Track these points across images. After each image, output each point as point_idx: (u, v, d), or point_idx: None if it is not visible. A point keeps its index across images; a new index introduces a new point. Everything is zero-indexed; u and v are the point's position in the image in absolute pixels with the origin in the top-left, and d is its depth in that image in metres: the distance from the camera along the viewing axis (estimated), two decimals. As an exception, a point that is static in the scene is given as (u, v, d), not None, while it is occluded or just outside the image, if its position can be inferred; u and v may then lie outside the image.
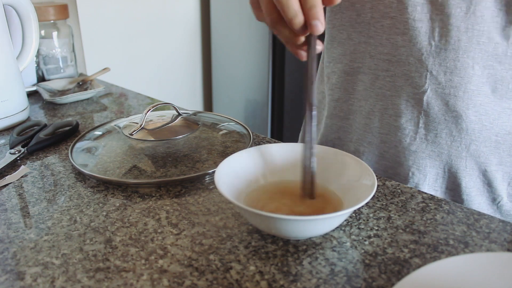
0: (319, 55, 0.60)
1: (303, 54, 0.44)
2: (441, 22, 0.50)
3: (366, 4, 0.56)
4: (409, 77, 0.54)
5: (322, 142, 0.68)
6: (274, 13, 0.42)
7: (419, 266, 0.39)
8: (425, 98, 0.53)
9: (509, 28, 0.50)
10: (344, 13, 0.59)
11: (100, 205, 0.50)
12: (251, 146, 0.60)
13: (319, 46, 0.43)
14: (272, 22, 0.43)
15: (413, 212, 0.47)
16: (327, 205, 0.45)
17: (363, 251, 0.41)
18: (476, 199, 0.57)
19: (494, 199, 0.58)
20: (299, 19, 0.40)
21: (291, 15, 0.40)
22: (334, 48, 0.63)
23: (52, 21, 0.98)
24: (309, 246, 0.41)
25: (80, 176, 0.56)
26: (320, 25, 0.40)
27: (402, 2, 0.52)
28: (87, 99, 0.90)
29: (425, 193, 0.51)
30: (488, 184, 0.57)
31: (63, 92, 0.91)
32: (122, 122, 0.70)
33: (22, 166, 0.59)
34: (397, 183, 0.53)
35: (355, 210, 0.47)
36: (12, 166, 0.59)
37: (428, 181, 0.58)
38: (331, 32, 0.63)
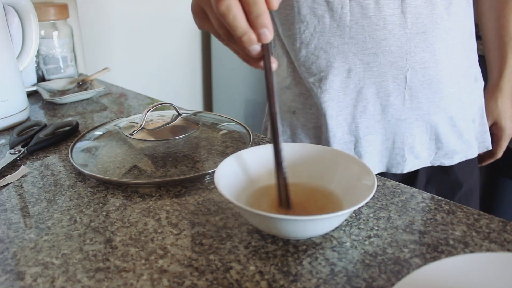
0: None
1: (259, 65, 0.44)
2: (410, 14, 0.61)
3: (344, 7, 0.61)
4: (393, 62, 0.63)
5: (332, 139, 0.70)
6: (222, 28, 0.42)
7: (419, 266, 0.39)
8: (408, 75, 0.63)
9: (451, 6, 0.63)
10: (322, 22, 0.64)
11: (100, 205, 0.50)
12: (251, 146, 0.60)
13: (273, 64, 0.42)
14: (222, 38, 0.44)
15: (413, 212, 0.47)
16: (327, 205, 0.45)
17: (363, 251, 0.41)
18: (451, 142, 0.69)
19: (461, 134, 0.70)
20: (249, 37, 0.40)
21: (240, 34, 0.39)
22: (320, 59, 0.66)
23: (52, 21, 0.98)
24: (309, 246, 0.41)
25: (80, 176, 0.56)
26: (268, 33, 0.39)
27: (378, 3, 0.60)
28: (87, 99, 0.90)
29: (425, 193, 0.51)
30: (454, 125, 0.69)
31: (63, 92, 0.91)
32: (122, 122, 0.70)
33: (22, 166, 0.59)
34: (397, 183, 0.53)
35: (355, 210, 0.47)
36: (12, 166, 0.59)
37: (417, 138, 0.68)
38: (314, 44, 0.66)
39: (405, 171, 0.69)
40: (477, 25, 0.73)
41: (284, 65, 0.73)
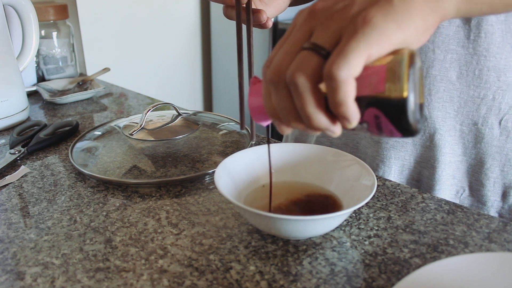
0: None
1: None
2: None
3: None
4: None
5: (297, 141, 0.70)
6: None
7: (419, 266, 0.39)
8: None
9: None
10: None
11: (100, 205, 0.49)
12: (251, 146, 0.60)
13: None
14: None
15: (413, 212, 0.47)
16: (327, 205, 0.45)
17: (363, 251, 0.41)
18: (440, 191, 0.58)
19: (457, 192, 0.58)
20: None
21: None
22: None
23: (52, 21, 0.98)
24: (309, 246, 0.41)
25: (80, 176, 0.56)
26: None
27: None
28: (87, 99, 0.90)
29: (425, 193, 0.51)
30: (452, 175, 0.57)
31: (63, 92, 0.91)
32: (122, 122, 0.70)
33: (22, 166, 0.59)
34: (397, 183, 0.53)
35: (355, 210, 0.47)
36: (12, 166, 0.59)
37: (394, 173, 0.59)
38: None
39: None
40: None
41: None
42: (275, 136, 2.11)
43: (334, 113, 0.31)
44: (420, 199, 0.49)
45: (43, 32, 0.97)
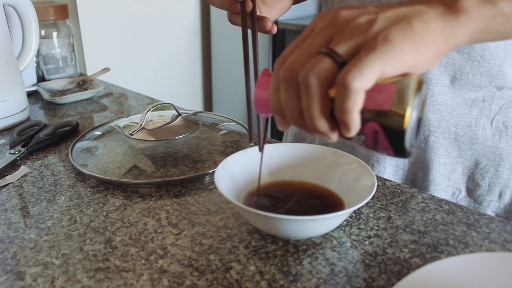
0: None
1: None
2: None
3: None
4: None
5: (296, 137, 0.70)
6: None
7: (419, 266, 0.39)
8: None
9: None
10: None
11: (100, 205, 0.49)
12: (251, 146, 0.60)
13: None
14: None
15: (413, 212, 0.47)
16: (327, 205, 0.45)
17: (363, 251, 0.41)
18: (435, 192, 0.58)
19: (453, 193, 0.59)
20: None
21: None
22: None
23: (52, 21, 0.98)
24: (309, 246, 0.41)
25: (80, 176, 0.56)
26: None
27: None
28: (87, 99, 0.90)
29: (425, 193, 0.51)
30: (448, 177, 0.58)
31: (63, 92, 0.91)
32: (122, 122, 0.70)
33: (22, 166, 0.59)
34: (397, 183, 0.53)
35: (355, 210, 0.47)
36: (12, 166, 0.59)
37: (388, 173, 0.60)
38: None
39: None
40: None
41: None
42: (275, 136, 2.11)
43: (337, 119, 0.31)
44: (420, 199, 0.49)
45: (43, 32, 0.97)
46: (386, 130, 0.31)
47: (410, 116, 0.30)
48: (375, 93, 0.30)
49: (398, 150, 0.32)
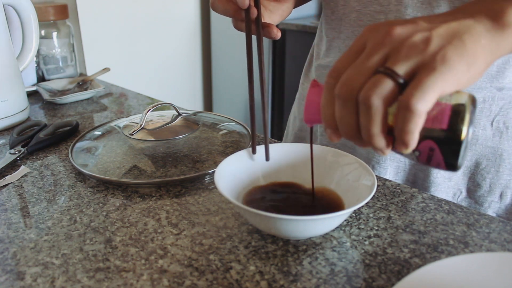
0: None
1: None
2: (398, 13, 0.53)
3: (339, 1, 0.58)
4: None
5: (296, 137, 0.71)
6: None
7: (419, 266, 0.39)
8: None
9: None
10: (323, 12, 0.62)
11: (100, 205, 0.49)
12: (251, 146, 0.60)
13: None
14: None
15: (413, 212, 0.47)
16: (327, 205, 0.45)
17: (363, 251, 0.41)
18: (436, 193, 0.58)
19: (454, 194, 0.59)
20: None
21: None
22: (320, 45, 0.66)
23: (52, 21, 0.98)
24: (309, 246, 0.41)
25: (80, 176, 0.56)
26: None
27: None
28: (87, 99, 0.90)
29: (425, 193, 0.51)
30: (449, 178, 0.58)
31: (63, 92, 0.91)
32: (122, 122, 0.70)
33: (22, 166, 0.59)
34: (397, 183, 0.53)
35: (355, 210, 0.47)
36: (12, 166, 0.59)
37: (389, 174, 0.60)
38: (320, 29, 0.67)
39: None
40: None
41: None
42: (275, 136, 2.11)
43: (396, 137, 0.32)
44: (420, 199, 0.49)
45: (43, 32, 0.97)
46: (442, 148, 0.32)
47: (466, 134, 0.31)
48: (433, 112, 0.32)
49: (451, 165, 0.33)
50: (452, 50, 0.30)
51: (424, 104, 0.30)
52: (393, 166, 0.59)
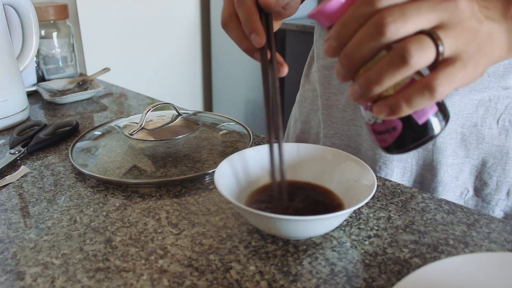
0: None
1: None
2: None
3: None
4: None
5: (298, 139, 0.71)
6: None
7: (419, 266, 0.39)
8: None
9: None
10: None
11: (100, 205, 0.50)
12: (251, 146, 0.60)
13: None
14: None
15: (413, 212, 0.47)
16: (327, 205, 0.45)
17: (363, 251, 0.41)
18: (443, 193, 0.58)
19: (461, 193, 0.59)
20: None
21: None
22: (319, 46, 0.66)
23: (52, 21, 0.98)
24: (309, 246, 0.41)
25: (80, 176, 0.56)
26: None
27: None
28: (87, 99, 0.90)
29: (425, 193, 0.51)
30: (456, 177, 0.58)
31: (63, 92, 0.91)
32: (122, 122, 0.70)
33: (22, 166, 0.59)
34: (397, 183, 0.53)
35: (355, 210, 0.47)
36: (12, 166, 0.59)
37: (396, 175, 0.60)
38: (318, 29, 0.67)
39: None
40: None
41: None
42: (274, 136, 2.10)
43: (395, 99, 0.31)
44: (420, 199, 0.49)
45: (43, 32, 0.97)
46: (402, 136, 0.34)
47: (434, 137, 0.33)
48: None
49: (391, 150, 0.35)
50: (483, 53, 0.31)
51: (444, 93, 0.30)
52: (400, 167, 0.59)
